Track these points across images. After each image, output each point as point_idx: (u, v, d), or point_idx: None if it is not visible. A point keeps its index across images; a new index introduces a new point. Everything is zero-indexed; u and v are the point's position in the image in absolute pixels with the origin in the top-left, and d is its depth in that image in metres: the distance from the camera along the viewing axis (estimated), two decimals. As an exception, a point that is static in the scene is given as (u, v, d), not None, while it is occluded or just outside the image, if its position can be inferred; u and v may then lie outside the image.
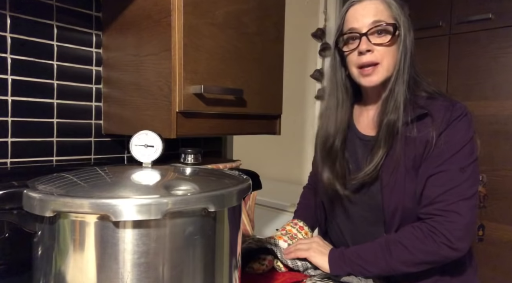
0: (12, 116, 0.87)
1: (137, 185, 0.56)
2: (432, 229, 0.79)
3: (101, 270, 0.47)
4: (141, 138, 0.62)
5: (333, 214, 1.01)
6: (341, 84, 0.95)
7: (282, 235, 0.98)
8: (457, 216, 0.77)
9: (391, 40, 0.85)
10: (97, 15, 1.01)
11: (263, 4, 0.99)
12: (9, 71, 0.86)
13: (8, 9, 0.85)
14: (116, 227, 0.47)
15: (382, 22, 0.84)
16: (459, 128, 0.82)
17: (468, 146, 0.81)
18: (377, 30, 0.85)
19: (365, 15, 0.86)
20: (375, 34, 0.85)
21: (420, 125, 0.83)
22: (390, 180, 0.85)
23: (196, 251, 0.51)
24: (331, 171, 0.94)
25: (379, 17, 0.85)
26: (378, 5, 0.86)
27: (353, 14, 0.88)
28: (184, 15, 0.81)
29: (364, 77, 0.88)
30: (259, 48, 0.99)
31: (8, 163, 0.87)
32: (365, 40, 0.85)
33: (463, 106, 0.85)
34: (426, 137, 0.82)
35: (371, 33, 0.85)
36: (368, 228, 0.92)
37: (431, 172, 0.82)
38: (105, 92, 1.02)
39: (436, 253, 0.78)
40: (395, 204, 0.84)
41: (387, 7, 0.86)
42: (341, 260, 0.85)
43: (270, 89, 1.04)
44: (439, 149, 0.81)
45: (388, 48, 0.85)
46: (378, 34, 0.85)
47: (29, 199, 0.48)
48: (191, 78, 0.83)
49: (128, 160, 1.10)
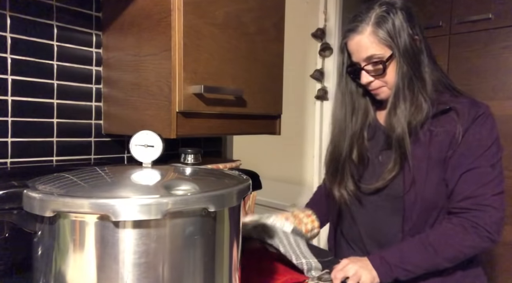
0: (12, 116, 0.87)
1: (137, 185, 0.56)
2: (474, 224, 0.82)
3: (101, 270, 0.47)
4: (141, 138, 0.62)
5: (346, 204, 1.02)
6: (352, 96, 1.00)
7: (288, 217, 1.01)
8: (493, 210, 0.82)
9: (386, 66, 0.89)
10: (97, 15, 1.01)
11: (263, 4, 0.99)
12: (9, 71, 0.86)
13: (8, 9, 0.85)
14: (116, 227, 0.47)
15: (373, 56, 0.89)
16: (486, 126, 0.86)
17: (496, 144, 0.86)
18: (371, 63, 0.91)
19: (358, 51, 0.91)
20: (371, 66, 0.91)
21: (445, 120, 0.87)
22: (413, 172, 0.87)
23: (196, 251, 0.51)
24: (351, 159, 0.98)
25: (370, 52, 0.89)
26: (367, 38, 0.89)
27: (349, 49, 0.94)
28: (184, 15, 0.80)
29: (375, 95, 0.97)
30: (259, 48, 0.99)
31: (8, 163, 0.87)
32: (364, 74, 0.93)
33: (486, 104, 0.89)
34: (452, 131, 0.86)
35: (367, 67, 0.92)
36: (385, 218, 0.93)
37: (464, 169, 0.85)
38: (105, 92, 1.02)
39: (478, 247, 0.83)
40: (415, 194, 0.87)
41: (374, 36, 0.88)
42: (383, 267, 0.85)
43: (270, 89, 1.04)
44: (469, 146, 0.85)
45: (387, 75, 0.90)
46: (373, 66, 0.91)
47: (29, 199, 0.48)
48: (191, 78, 0.83)
49: (128, 160, 1.10)
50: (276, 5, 1.04)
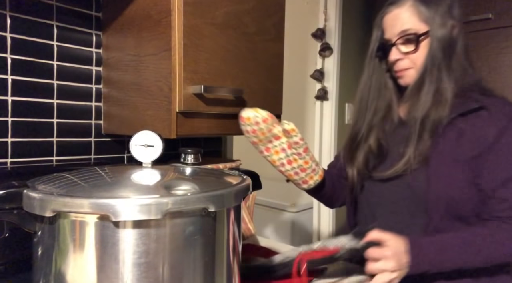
0: (12, 116, 0.87)
1: (137, 185, 0.56)
2: None
3: (101, 270, 0.47)
4: (141, 138, 0.62)
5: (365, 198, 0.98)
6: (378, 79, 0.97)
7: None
8: None
9: (418, 46, 0.87)
10: (97, 15, 1.01)
11: (263, 4, 0.99)
12: (9, 71, 0.86)
13: (8, 9, 0.85)
14: (116, 227, 0.47)
15: (408, 31, 0.87)
16: None
17: None
18: (404, 40, 0.88)
19: (393, 25, 0.89)
20: (403, 43, 0.88)
21: (475, 119, 0.84)
22: (438, 168, 0.84)
23: (196, 251, 0.51)
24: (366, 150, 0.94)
25: (406, 25, 0.87)
26: (406, 11, 0.87)
27: (385, 24, 0.92)
28: (184, 15, 0.81)
29: (399, 79, 0.93)
30: (259, 48, 0.99)
31: (8, 163, 0.87)
32: (393, 51, 0.90)
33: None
34: (484, 131, 0.82)
35: (399, 43, 0.89)
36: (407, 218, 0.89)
37: (507, 173, 0.81)
38: (105, 92, 1.02)
39: None
40: (439, 192, 0.83)
41: (413, 9, 0.87)
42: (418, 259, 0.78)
43: (270, 89, 1.04)
44: (509, 148, 0.81)
45: (418, 53, 0.87)
46: (405, 42, 0.88)
47: (29, 199, 0.48)
48: (191, 78, 0.83)
49: (128, 160, 1.10)
50: (276, 5, 1.04)
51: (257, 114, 0.79)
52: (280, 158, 0.85)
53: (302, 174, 0.88)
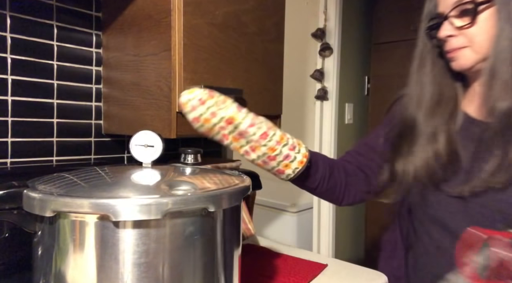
0: (12, 116, 0.87)
1: (137, 185, 0.56)
2: None
3: (101, 270, 0.47)
4: (141, 138, 0.62)
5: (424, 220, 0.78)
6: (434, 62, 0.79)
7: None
8: None
9: (476, 19, 0.69)
10: (97, 15, 1.01)
11: (263, 4, 0.99)
12: (9, 71, 0.86)
13: (8, 9, 0.85)
14: (116, 227, 0.47)
15: (463, 1, 0.69)
16: None
17: None
18: (459, 11, 0.71)
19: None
20: (457, 16, 0.71)
21: None
22: None
23: (196, 251, 0.51)
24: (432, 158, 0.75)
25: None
26: None
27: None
28: (184, 15, 0.81)
29: (451, 62, 0.75)
30: (259, 48, 0.99)
31: (8, 163, 0.87)
32: (445, 26, 0.73)
33: None
34: None
35: (453, 15, 0.72)
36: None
37: None
38: (105, 92, 1.02)
39: None
40: None
41: None
42: None
43: (270, 89, 1.04)
44: None
45: (476, 28, 0.70)
46: (460, 15, 0.71)
47: (29, 199, 0.48)
48: (191, 78, 0.83)
49: (128, 160, 1.10)
50: (276, 5, 1.04)
51: (189, 96, 0.64)
52: (242, 145, 0.69)
53: (272, 163, 0.71)
